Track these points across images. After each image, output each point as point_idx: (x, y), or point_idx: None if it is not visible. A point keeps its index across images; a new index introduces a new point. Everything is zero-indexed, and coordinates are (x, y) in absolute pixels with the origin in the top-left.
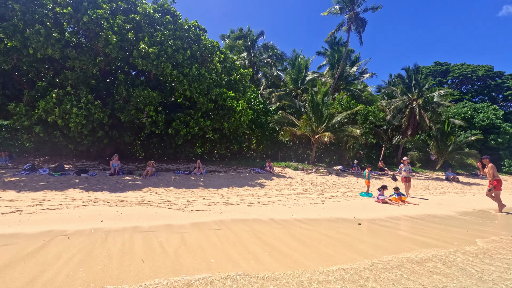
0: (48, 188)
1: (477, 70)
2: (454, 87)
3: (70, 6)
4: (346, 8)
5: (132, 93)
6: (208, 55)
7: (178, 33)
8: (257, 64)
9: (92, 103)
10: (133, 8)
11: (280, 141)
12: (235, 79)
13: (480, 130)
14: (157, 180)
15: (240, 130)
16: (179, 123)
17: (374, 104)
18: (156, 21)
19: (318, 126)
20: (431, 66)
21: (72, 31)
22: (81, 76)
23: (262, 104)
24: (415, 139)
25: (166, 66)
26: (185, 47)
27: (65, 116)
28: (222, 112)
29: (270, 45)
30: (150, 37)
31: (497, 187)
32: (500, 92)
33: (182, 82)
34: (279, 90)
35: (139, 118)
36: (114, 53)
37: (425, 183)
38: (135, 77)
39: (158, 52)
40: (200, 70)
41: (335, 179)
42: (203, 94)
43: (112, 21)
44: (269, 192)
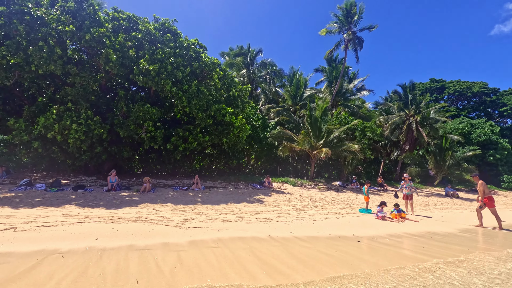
0: (44, 204)
1: (472, 87)
2: (450, 103)
3: (73, 24)
4: (343, 27)
5: (132, 109)
6: (208, 72)
7: (179, 51)
8: (256, 81)
9: (91, 118)
10: (135, 27)
11: (279, 157)
12: (234, 95)
13: (478, 145)
14: (154, 196)
15: (239, 146)
16: (178, 139)
17: (372, 119)
18: (157, 39)
19: (317, 141)
20: (427, 83)
21: (75, 48)
22: (81, 92)
23: (260, 120)
24: (414, 155)
25: (166, 83)
26: (185, 64)
27: (65, 132)
28: (221, 127)
29: (268, 62)
30: (150, 55)
31: (489, 204)
32: (495, 108)
33: (181, 98)
34: (277, 106)
35: (138, 133)
36: (115, 70)
37: (425, 199)
38: (135, 93)
39: (158, 69)
40: (199, 86)
41: (334, 195)
42: (202, 110)
43: (114, 39)
44: (268, 208)
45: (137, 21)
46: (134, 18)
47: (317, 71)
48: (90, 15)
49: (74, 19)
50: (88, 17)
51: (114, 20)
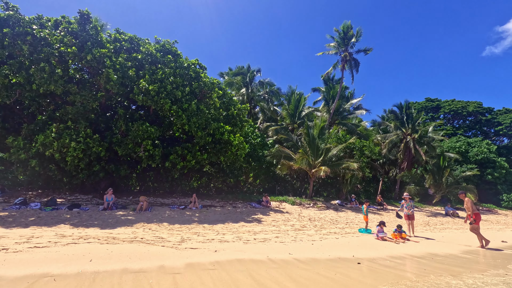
0: (38, 224)
1: (467, 106)
2: (446, 122)
3: (75, 45)
4: (340, 48)
5: (131, 127)
6: (207, 91)
7: (179, 71)
8: (254, 99)
9: (90, 137)
10: (136, 48)
11: (277, 175)
12: (233, 113)
13: (476, 164)
14: (151, 215)
15: (237, 164)
16: (176, 157)
17: (370, 138)
18: (157, 59)
19: (315, 160)
20: (423, 102)
21: (76, 67)
22: (81, 111)
23: (259, 138)
24: (412, 173)
25: (165, 102)
26: (184, 83)
27: (63, 150)
28: (219, 146)
29: (266, 81)
30: (151, 75)
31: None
32: (491, 127)
33: (180, 117)
34: (276, 124)
35: (137, 151)
36: (115, 89)
37: (425, 219)
38: (134, 112)
39: (158, 89)
40: (199, 105)
41: (333, 214)
42: (201, 128)
43: (115, 59)
44: (266, 228)
45: (138, 42)
46: (135, 39)
47: (315, 91)
48: (93, 37)
49: (77, 40)
50: (91, 38)
51: (116, 41)
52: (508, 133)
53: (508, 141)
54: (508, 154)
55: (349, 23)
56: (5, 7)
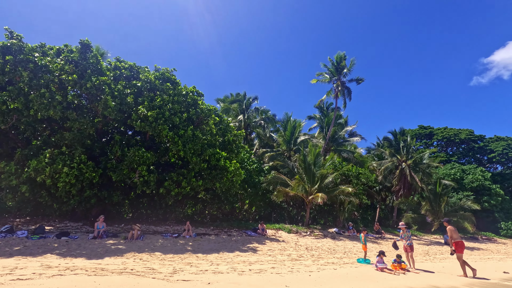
0: (23, 254)
1: (459, 134)
2: (440, 149)
3: (76, 73)
4: (333, 77)
5: (127, 153)
6: (204, 118)
7: (177, 98)
8: (251, 126)
9: (85, 163)
10: (136, 75)
11: (274, 202)
12: (229, 140)
13: (471, 191)
14: (142, 244)
15: (233, 190)
16: (171, 183)
17: (365, 165)
18: (156, 87)
19: (311, 186)
20: (416, 129)
21: (75, 94)
22: (78, 137)
23: (255, 164)
24: (409, 200)
25: (163, 128)
26: (182, 110)
27: (55, 176)
28: (215, 172)
29: (262, 109)
30: (149, 101)
31: (458, 250)
32: (484, 155)
33: (176, 143)
34: (272, 150)
35: (131, 177)
36: (112, 115)
37: (424, 248)
38: (131, 137)
39: (156, 115)
40: (195, 131)
41: (331, 243)
42: (197, 154)
43: (114, 87)
44: (262, 258)
45: (138, 70)
46: (135, 67)
47: (310, 118)
48: (93, 65)
49: (77, 68)
50: (91, 66)
51: (116, 69)
52: (501, 161)
53: (502, 168)
54: (503, 181)
55: (342, 54)
56: (10, 36)
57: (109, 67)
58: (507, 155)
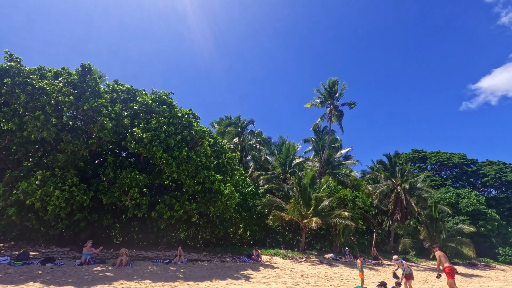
0: (3, 282)
1: (452, 158)
2: (434, 172)
3: (73, 95)
4: (326, 101)
5: (119, 175)
6: (198, 140)
7: (172, 120)
8: (246, 148)
9: (76, 185)
10: (133, 98)
11: (269, 226)
12: (224, 162)
13: (467, 215)
14: (131, 271)
15: (227, 214)
16: (163, 206)
17: (361, 188)
18: (153, 109)
19: (307, 210)
20: (409, 153)
21: (70, 115)
22: (70, 159)
23: (250, 187)
24: (406, 225)
25: (157, 149)
26: (177, 132)
27: (46, 199)
28: (209, 195)
29: (258, 132)
30: (145, 123)
31: (449, 276)
32: (477, 179)
33: (170, 164)
34: (267, 173)
35: (123, 200)
36: (108, 137)
37: (423, 275)
38: (124, 159)
39: (151, 137)
40: (189, 153)
41: (327, 269)
42: (191, 176)
43: (111, 109)
44: (256, 286)
45: (135, 93)
46: (132, 90)
47: (306, 141)
48: (91, 87)
49: (75, 90)
50: (89, 89)
51: (113, 92)
52: (494, 185)
53: (496, 193)
54: (497, 205)
55: (334, 79)
56: (9, 58)
57: (106, 89)
58: (500, 179)
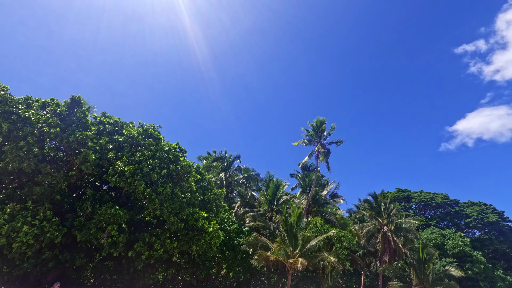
0: None
1: (435, 197)
2: (419, 212)
3: (59, 127)
4: (313, 140)
5: (98, 210)
6: (184, 175)
7: (158, 154)
8: (232, 184)
9: (49, 220)
10: (119, 130)
11: (253, 267)
12: (209, 198)
13: (453, 257)
14: None
15: (210, 253)
16: (142, 245)
17: (347, 227)
18: (138, 142)
19: (293, 250)
20: (394, 192)
21: (53, 146)
22: (47, 191)
23: (235, 224)
24: (393, 267)
25: (139, 184)
26: (162, 166)
27: (12, 235)
28: (192, 233)
29: (244, 168)
30: (129, 156)
31: None
32: (461, 219)
33: (153, 200)
34: (253, 210)
35: (99, 237)
36: (90, 170)
37: None
38: (105, 193)
39: (133, 170)
40: (174, 188)
41: None
42: (174, 213)
43: (96, 141)
44: None
45: (122, 125)
46: (120, 123)
47: (292, 176)
48: (79, 119)
49: (62, 122)
50: (76, 120)
51: (100, 124)
52: (477, 226)
53: (480, 234)
54: (482, 247)
55: (322, 119)
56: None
57: (94, 121)
58: (482, 221)
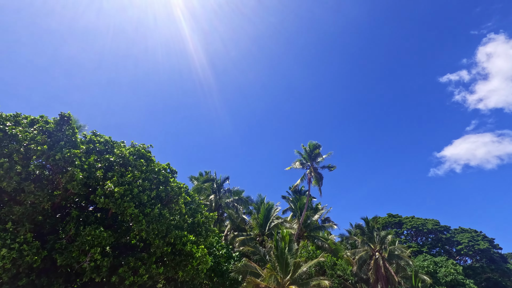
0: None
1: (426, 223)
2: (410, 238)
3: (47, 144)
4: (306, 163)
5: (81, 232)
6: (174, 196)
7: (148, 175)
8: (222, 206)
9: (29, 242)
10: (110, 150)
11: None
12: (199, 221)
13: (446, 286)
14: None
15: (197, 280)
16: (126, 270)
17: (339, 253)
18: (129, 163)
19: (284, 277)
20: (385, 217)
21: (39, 164)
22: (29, 211)
23: (224, 249)
24: None
25: (128, 205)
26: (152, 187)
27: None
28: (179, 258)
29: (234, 190)
30: (119, 177)
31: None
32: (452, 246)
33: (140, 222)
34: (243, 234)
35: (81, 261)
36: (76, 189)
37: None
38: (90, 214)
39: (123, 191)
40: (162, 210)
41: None
42: (161, 236)
43: (84, 159)
44: None
45: (113, 144)
46: (110, 142)
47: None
48: (68, 137)
49: (49, 139)
50: (65, 138)
51: (90, 143)
52: (468, 253)
53: (471, 261)
54: (474, 275)
55: (315, 143)
56: None
57: (83, 140)
58: (474, 248)
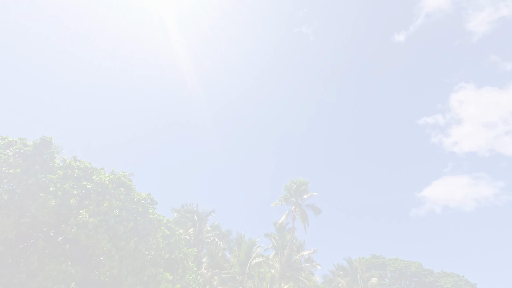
0: None
1: (409, 266)
2: (394, 281)
3: (21, 167)
4: (291, 198)
5: (46, 266)
6: (152, 229)
7: (127, 204)
8: (202, 242)
9: None
10: (88, 177)
11: None
12: (177, 258)
13: None
14: None
15: None
16: None
17: None
18: (108, 191)
19: None
20: (369, 258)
21: (8, 188)
22: None
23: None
24: None
25: (102, 238)
26: (129, 218)
27: None
28: None
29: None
30: (95, 205)
31: None
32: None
33: (112, 257)
34: (223, 272)
35: None
36: (46, 217)
37: None
38: (58, 245)
39: (98, 222)
40: (138, 244)
41: None
42: (134, 273)
43: (60, 185)
44: None
45: (92, 171)
46: (90, 168)
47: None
48: (45, 161)
49: (25, 162)
50: (42, 162)
51: (69, 168)
52: None
53: None
54: None
55: (303, 180)
56: None
57: (62, 165)
58: None
